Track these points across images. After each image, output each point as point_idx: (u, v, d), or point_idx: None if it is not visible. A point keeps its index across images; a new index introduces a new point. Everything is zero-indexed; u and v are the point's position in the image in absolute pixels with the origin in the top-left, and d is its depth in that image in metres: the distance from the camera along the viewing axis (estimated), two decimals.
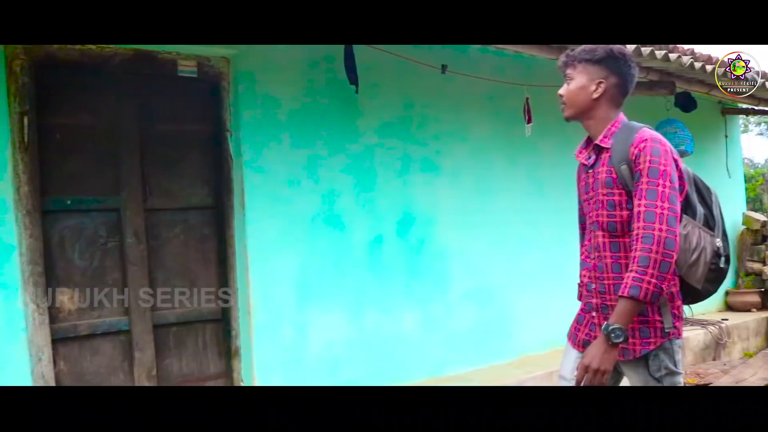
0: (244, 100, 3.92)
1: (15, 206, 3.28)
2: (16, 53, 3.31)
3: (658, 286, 2.11)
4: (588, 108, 2.35)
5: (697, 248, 2.27)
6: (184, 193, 3.90)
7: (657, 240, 2.10)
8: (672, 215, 2.14)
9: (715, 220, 2.33)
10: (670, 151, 2.23)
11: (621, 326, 2.13)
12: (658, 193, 2.14)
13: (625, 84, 2.35)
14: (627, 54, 2.36)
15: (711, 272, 2.29)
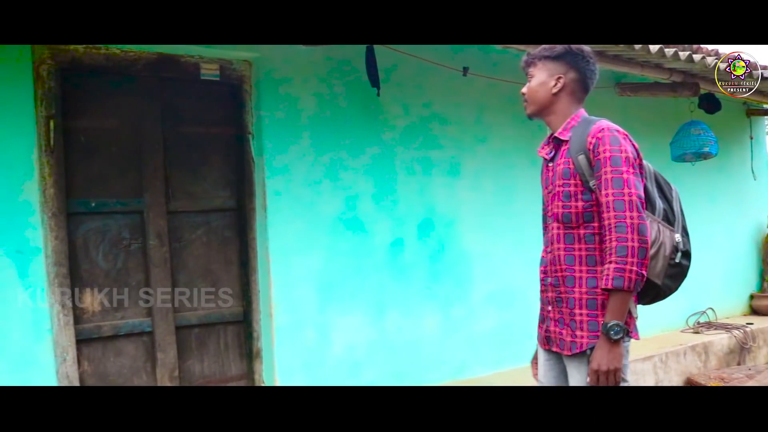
0: (265, 102, 3.94)
1: (41, 208, 3.31)
2: (43, 58, 3.35)
3: (640, 273, 2.12)
4: (548, 103, 2.40)
5: (656, 242, 2.26)
6: (207, 195, 3.92)
7: (631, 227, 2.12)
8: (639, 201, 2.16)
9: (675, 215, 2.34)
10: (628, 139, 2.27)
11: (618, 322, 2.14)
12: (624, 180, 2.16)
13: (585, 79, 2.40)
14: (585, 50, 2.41)
15: (671, 267, 2.29)
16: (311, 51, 4.00)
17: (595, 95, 5.47)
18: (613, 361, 2.15)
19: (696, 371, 5.58)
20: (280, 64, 3.99)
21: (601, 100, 5.59)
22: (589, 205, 2.27)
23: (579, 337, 2.27)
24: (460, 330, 4.72)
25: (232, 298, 3.99)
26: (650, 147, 6.03)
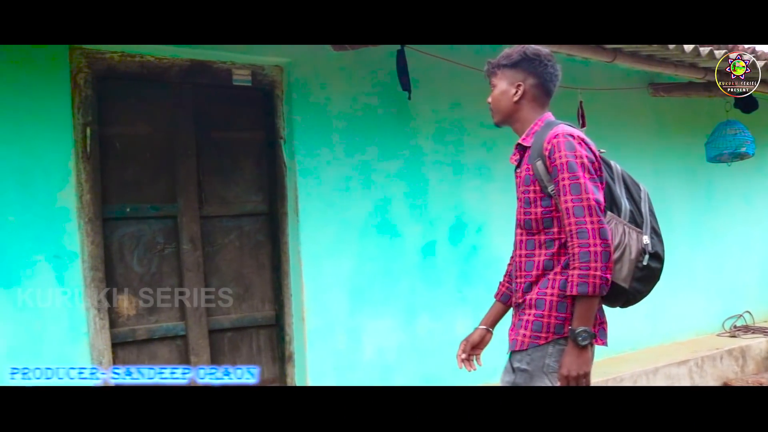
0: (297, 107, 3.96)
1: (78, 214, 3.37)
2: (80, 67, 3.41)
3: (604, 277, 2.10)
4: (512, 111, 2.40)
5: (620, 245, 2.22)
6: (239, 200, 3.95)
7: (592, 232, 2.10)
8: (597, 205, 2.13)
9: (642, 216, 2.28)
10: (584, 144, 2.23)
11: (585, 327, 2.12)
12: (581, 185, 2.14)
13: (544, 83, 2.37)
14: (542, 54, 2.38)
15: (639, 270, 2.23)
16: (342, 56, 4.01)
17: (627, 96, 5.48)
18: (582, 366, 2.13)
19: (733, 376, 5.49)
20: (311, 69, 4.01)
21: (633, 101, 5.57)
22: (548, 211, 2.26)
23: (522, 336, 2.27)
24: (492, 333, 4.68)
25: (264, 302, 4.02)
26: (684, 148, 5.98)
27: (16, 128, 3.20)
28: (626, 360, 5.23)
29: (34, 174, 3.24)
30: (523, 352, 2.27)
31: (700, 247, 6.14)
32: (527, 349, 2.25)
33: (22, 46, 3.19)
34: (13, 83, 3.21)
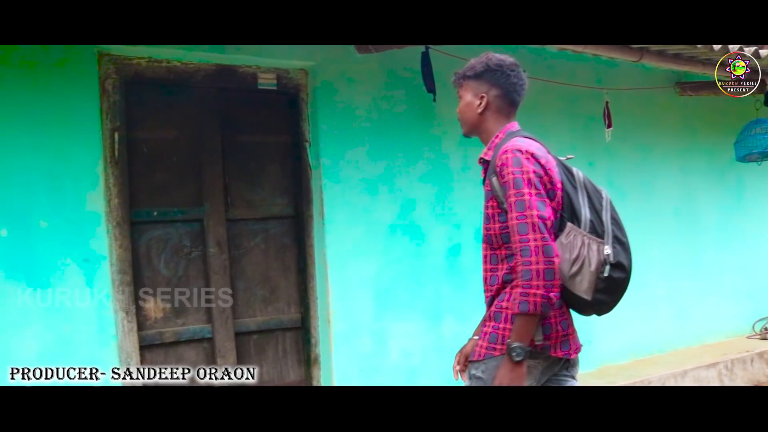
0: (322, 110, 3.97)
1: (106, 218, 3.40)
2: (108, 73, 3.45)
3: (545, 296, 2.09)
4: (477, 122, 2.40)
5: (579, 258, 2.18)
6: (265, 203, 3.97)
7: (535, 250, 2.09)
8: (541, 222, 2.11)
9: (603, 225, 2.21)
10: (533, 158, 2.19)
11: (520, 344, 2.12)
12: (526, 202, 2.13)
13: (508, 93, 2.37)
14: (505, 64, 2.38)
15: (601, 282, 2.18)
16: (367, 58, 4.01)
17: (654, 96, 5.41)
18: (514, 381, 2.13)
19: (764, 379, 5.42)
20: (336, 72, 4.01)
21: (660, 101, 5.51)
22: (506, 227, 2.25)
23: (479, 347, 2.30)
24: None
25: (289, 305, 4.03)
26: (713, 147, 5.91)
27: (46, 134, 3.24)
28: (654, 362, 5.18)
29: (64, 179, 3.28)
30: (480, 362, 2.29)
31: (730, 248, 6.05)
32: (483, 359, 2.27)
33: (52, 53, 3.24)
34: (43, 90, 3.25)
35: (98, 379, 3.07)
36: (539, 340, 2.20)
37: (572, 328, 2.30)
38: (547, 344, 2.21)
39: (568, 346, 2.27)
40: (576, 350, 2.31)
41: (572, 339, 2.29)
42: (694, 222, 5.80)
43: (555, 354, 2.22)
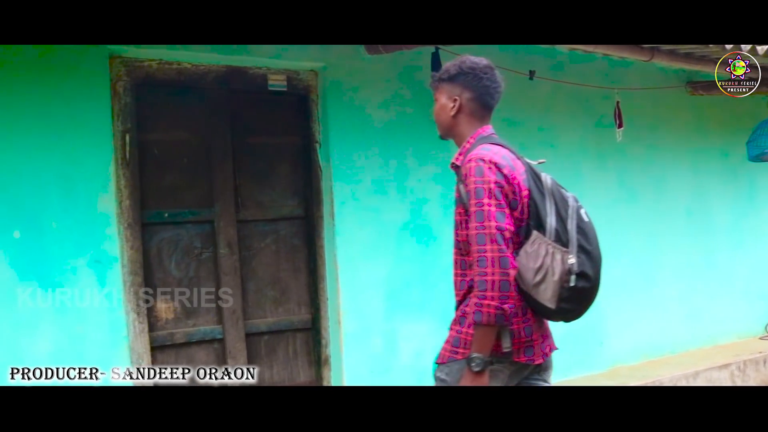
0: (332, 111, 3.97)
1: (117, 220, 3.42)
2: (119, 75, 3.46)
3: (500, 307, 2.09)
4: (450, 125, 2.40)
5: (543, 267, 2.15)
6: (275, 204, 3.98)
7: (491, 261, 2.09)
8: (499, 233, 2.11)
9: (567, 234, 2.18)
10: (495, 168, 2.17)
11: (478, 354, 2.13)
12: (484, 213, 2.12)
13: (481, 96, 2.36)
14: (478, 67, 2.37)
15: (566, 291, 2.15)
16: (377, 59, 4.01)
17: (665, 95, 5.38)
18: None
19: None
20: (346, 73, 4.02)
21: (671, 100, 5.49)
22: None
23: (443, 350, 2.32)
24: None
25: (300, 306, 4.04)
26: (725, 147, 5.88)
27: (58, 136, 3.26)
28: (666, 363, 5.16)
29: (75, 180, 3.30)
30: (443, 365, 2.30)
31: (742, 248, 6.02)
32: (446, 362, 2.29)
33: (64, 56, 3.26)
34: (55, 92, 3.27)
35: (98, 379, 3.07)
36: (507, 347, 2.20)
37: (537, 334, 2.28)
38: (509, 350, 2.21)
39: (532, 352, 2.26)
40: (543, 355, 2.30)
41: (537, 345, 2.28)
42: (706, 222, 5.77)
43: (518, 359, 2.23)
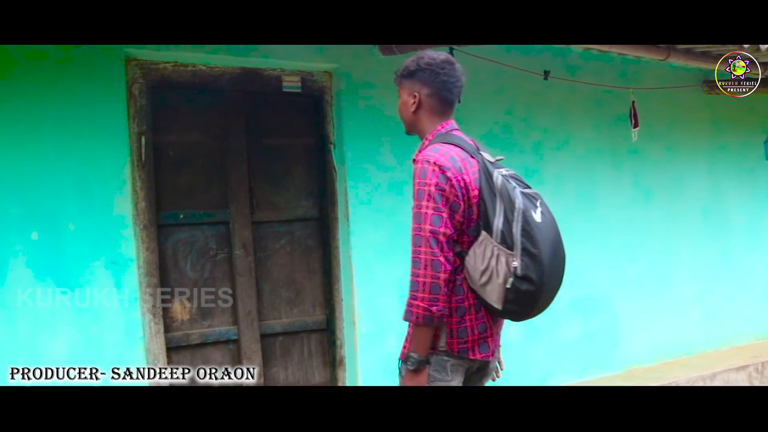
0: (346, 112, 3.98)
1: (133, 221, 3.44)
2: (135, 77, 3.49)
3: (428, 309, 2.11)
4: (412, 121, 2.40)
5: (488, 269, 2.16)
6: (290, 205, 3.99)
7: (424, 263, 2.11)
8: (433, 237, 2.11)
9: (512, 237, 2.14)
10: (440, 170, 2.16)
11: (411, 353, 2.18)
12: (422, 215, 2.14)
13: (439, 92, 2.34)
14: (435, 63, 2.34)
15: (510, 293, 2.14)
16: (390, 60, 4.00)
17: (681, 94, 5.32)
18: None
19: None
20: (360, 74, 4.02)
21: (687, 100, 5.44)
22: None
23: (403, 347, 2.32)
24: (543, 338, 4.64)
25: (314, 307, 4.05)
26: (742, 146, 5.83)
27: (74, 138, 3.29)
28: (682, 365, 5.12)
29: (92, 182, 3.33)
30: (402, 362, 2.30)
31: (759, 248, 5.96)
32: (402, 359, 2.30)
33: (80, 58, 3.28)
34: (72, 95, 3.29)
35: (98, 380, 3.09)
36: (463, 343, 2.23)
37: (491, 331, 2.28)
38: (464, 347, 2.23)
39: (486, 349, 2.28)
40: (493, 352, 2.31)
41: (491, 340, 2.29)
42: (723, 222, 5.71)
43: (474, 357, 2.25)
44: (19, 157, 3.19)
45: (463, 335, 2.23)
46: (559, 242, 2.24)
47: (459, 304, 2.22)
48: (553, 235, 2.20)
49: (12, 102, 3.19)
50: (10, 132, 3.18)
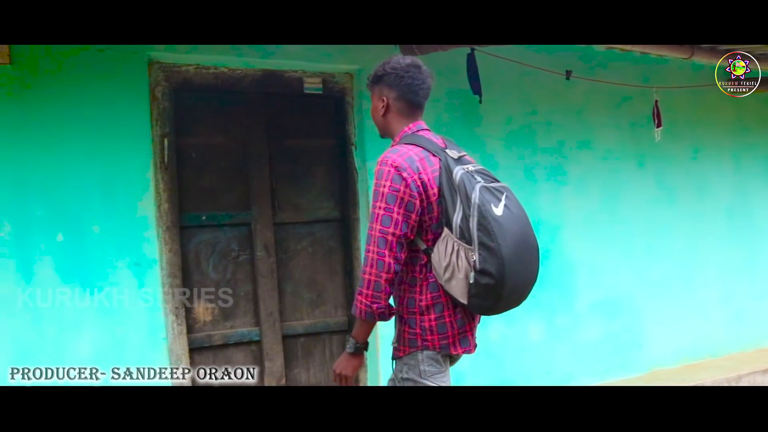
0: (368, 113, 3.95)
1: (156, 223, 3.47)
2: (158, 80, 3.52)
3: (369, 306, 2.21)
4: (383, 125, 2.48)
5: (450, 265, 2.21)
6: (311, 206, 3.99)
7: (370, 262, 2.20)
8: (382, 237, 2.19)
9: (470, 233, 2.17)
10: (395, 171, 2.22)
11: (352, 337, 2.34)
12: (375, 215, 2.22)
13: (405, 95, 2.40)
14: (399, 67, 2.40)
15: (473, 287, 2.18)
16: None
17: (704, 93, 5.23)
18: (345, 368, 2.36)
19: None
20: None
21: (712, 98, 5.37)
22: None
23: (393, 347, 2.39)
24: (566, 339, 4.62)
25: (336, 308, 4.05)
26: (767, 146, 5.74)
27: (98, 141, 3.32)
28: (707, 367, 5.06)
29: (116, 184, 3.36)
30: (398, 359, 2.39)
31: None
32: (402, 356, 2.36)
33: (104, 62, 3.32)
34: (96, 98, 3.33)
35: (98, 380, 3.12)
36: (443, 339, 2.28)
37: (470, 326, 2.35)
38: (445, 343, 2.29)
39: (467, 343, 2.34)
40: (475, 345, 2.38)
41: (471, 335, 2.36)
42: (749, 223, 5.64)
43: (456, 351, 2.32)
44: (45, 159, 3.23)
45: (443, 331, 2.28)
46: (527, 236, 2.26)
47: (435, 301, 2.28)
48: (517, 229, 2.21)
49: (38, 105, 3.23)
50: (37, 135, 3.22)
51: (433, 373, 2.30)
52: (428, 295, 2.27)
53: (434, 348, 2.28)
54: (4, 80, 3.17)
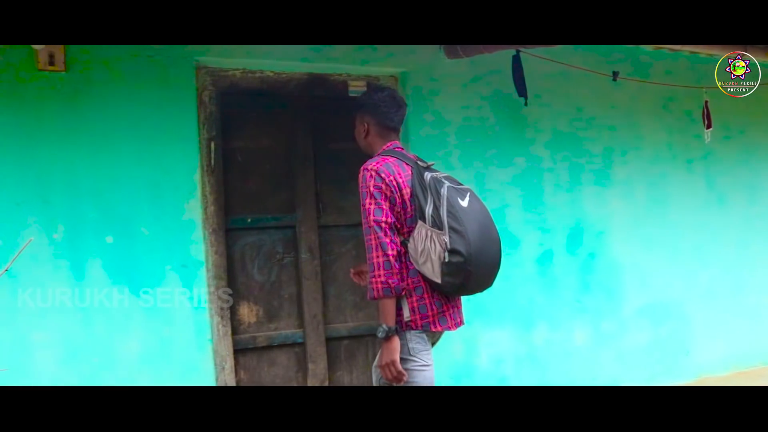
0: (412, 116, 3.97)
1: (203, 225, 3.51)
2: (205, 85, 3.57)
3: (385, 282, 2.54)
4: (366, 145, 2.93)
5: (425, 250, 2.56)
6: (356, 209, 3.95)
7: (374, 247, 2.56)
8: (377, 224, 2.57)
9: (441, 219, 2.55)
10: (375, 173, 2.63)
11: (381, 324, 2.57)
12: (367, 210, 2.62)
13: (381, 120, 2.84)
14: (375, 97, 2.85)
15: (446, 266, 2.53)
16: (456, 63, 3.99)
17: (757, 93, 5.07)
18: (388, 356, 2.56)
19: None
20: (426, 77, 4.01)
21: (764, 98, 5.23)
22: None
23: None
24: (611, 344, 4.55)
25: None
26: None
27: (148, 145, 3.38)
28: (758, 375, 4.93)
29: (164, 188, 3.41)
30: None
31: None
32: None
33: (153, 67, 3.39)
34: (145, 103, 3.39)
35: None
36: (424, 318, 2.62)
37: (447, 306, 2.68)
38: (426, 321, 2.63)
39: (446, 322, 2.69)
40: (455, 324, 2.73)
41: (449, 315, 2.70)
42: None
43: (435, 329, 2.66)
44: (96, 163, 3.29)
45: (423, 311, 2.62)
46: (489, 227, 2.64)
47: (415, 285, 2.62)
48: (481, 219, 2.61)
49: (91, 111, 3.30)
50: (89, 140, 3.29)
51: (420, 350, 2.63)
52: (409, 280, 2.61)
53: (416, 327, 2.62)
54: (60, 87, 3.25)
